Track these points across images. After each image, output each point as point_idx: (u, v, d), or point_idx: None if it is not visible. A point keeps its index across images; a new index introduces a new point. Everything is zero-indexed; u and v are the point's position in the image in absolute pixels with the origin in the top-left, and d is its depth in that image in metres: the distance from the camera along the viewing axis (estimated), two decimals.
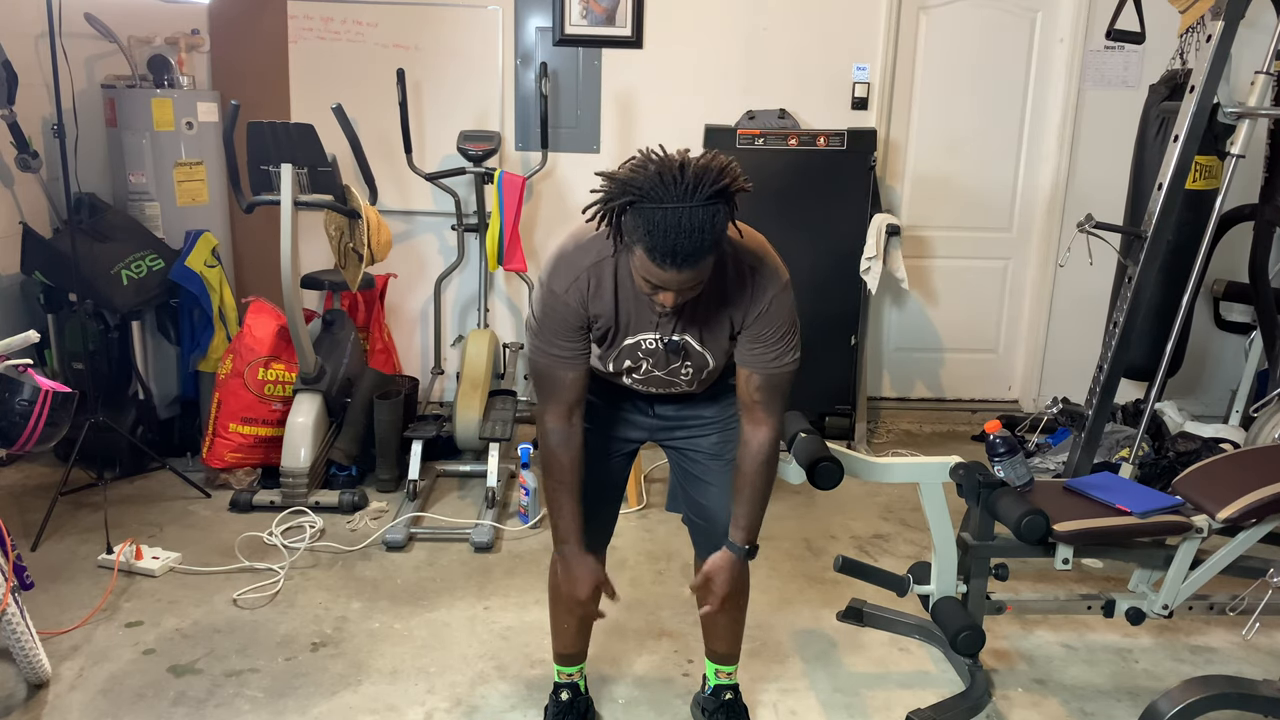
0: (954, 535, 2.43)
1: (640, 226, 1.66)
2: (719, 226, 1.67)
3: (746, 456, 1.99)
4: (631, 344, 1.96)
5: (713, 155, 1.70)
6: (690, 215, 1.63)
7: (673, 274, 1.68)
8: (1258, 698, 2.20)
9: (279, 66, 4.24)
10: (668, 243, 1.64)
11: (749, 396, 1.96)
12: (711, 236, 1.66)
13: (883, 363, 4.74)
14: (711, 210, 1.65)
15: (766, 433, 1.98)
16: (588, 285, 1.88)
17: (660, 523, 3.49)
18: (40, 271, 3.70)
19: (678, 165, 1.66)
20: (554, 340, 1.92)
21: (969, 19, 4.41)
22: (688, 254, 1.65)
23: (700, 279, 1.74)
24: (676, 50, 4.32)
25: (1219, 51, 2.98)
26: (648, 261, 1.69)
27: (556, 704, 2.37)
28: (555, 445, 1.99)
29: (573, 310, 1.89)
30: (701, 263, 1.69)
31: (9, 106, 3.53)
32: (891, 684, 2.61)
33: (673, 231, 1.63)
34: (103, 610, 2.83)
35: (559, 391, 1.96)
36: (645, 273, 1.72)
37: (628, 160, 1.73)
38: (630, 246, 1.72)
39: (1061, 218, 4.50)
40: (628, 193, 1.67)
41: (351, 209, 3.51)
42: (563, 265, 1.89)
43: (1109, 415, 3.49)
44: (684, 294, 1.76)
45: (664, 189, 1.64)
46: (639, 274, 1.75)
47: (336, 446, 3.68)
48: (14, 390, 2.43)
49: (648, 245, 1.66)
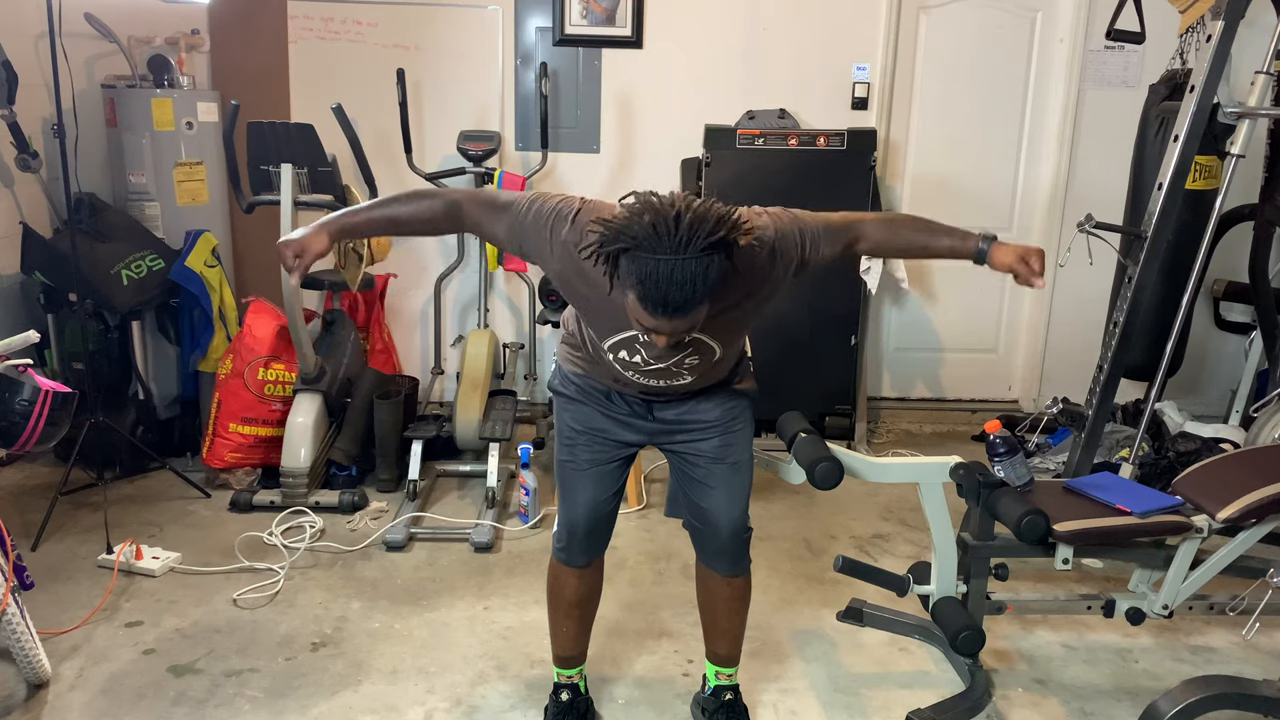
0: (954, 535, 2.43)
1: (633, 274, 1.64)
2: (712, 277, 1.65)
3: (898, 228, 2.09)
4: (630, 335, 1.94)
5: (711, 204, 1.67)
6: (683, 267, 1.61)
7: (664, 322, 1.69)
8: (1258, 698, 2.20)
9: (279, 66, 4.24)
10: (659, 293, 1.63)
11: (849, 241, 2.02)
12: (704, 288, 1.64)
13: (883, 363, 4.74)
14: (705, 262, 1.62)
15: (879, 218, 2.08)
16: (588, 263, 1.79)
17: (660, 523, 3.49)
18: (40, 271, 3.70)
19: (673, 215, 1.62)
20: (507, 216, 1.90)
21: (969, 19, 4.41)
22: (679, 305, 1.65)
23: (693, 326, 1.73)
24: (677, 50, 4.32)
25: (1219, 51, 2.98)
26: (639, 308, 1.69)
27: (556, 704, 2.37)
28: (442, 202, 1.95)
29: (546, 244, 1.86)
30: (693, 313, 1.68)
31: (9, 106, 3.53)
32: (891, 684, 2.61)
33: (664, 283, 1.62)
34: (103, 610, 2.83)
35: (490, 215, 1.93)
36: (637, 316, 1.72)
37: (625, 196, 1.71)
38: (623, 291, 1.71)
39: (1061, 218, 4.50)
40: (621, 240, 1.64)
41: None
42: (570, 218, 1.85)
43: (1109, 415, 3.49)
44: (677, 336, 1.76)
45: (657, 240, 1.61)
46: (632, 315, 1.74)
47: (336, 446, 3.68)
48: (14, 390, 2.43)
49: (640, 294, 1.66)
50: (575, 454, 2.17)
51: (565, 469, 2.20)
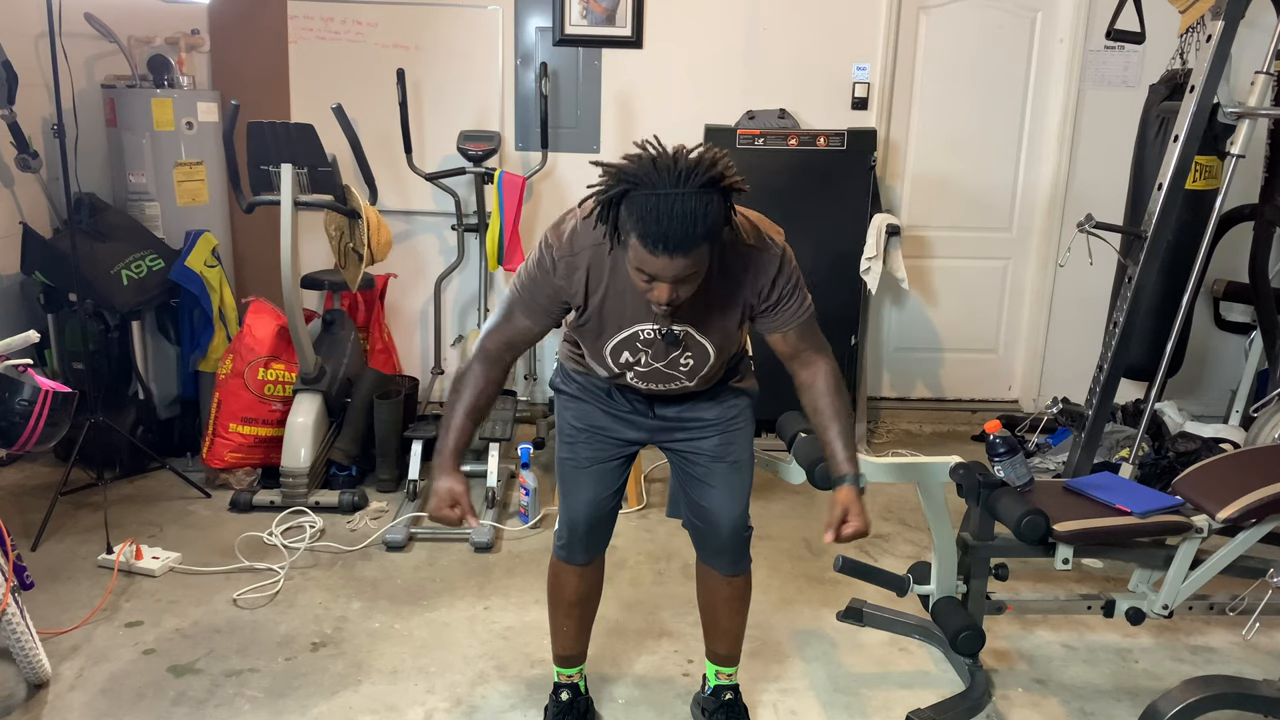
0: (954, 535, 2.43)
1: (634, 214, 1.68)
2: (712, 216, 1.68)
3: (817, 395, 2.04)
4: (630, 335, 1.95)
5: (708, 148, 1.72)
6: (682, 202, 1.65)
7: (664, 260, 1.69)
8: (1258, 698, 2.20)
9: (279, 66, 4.24)
10: (660, 228, 1.66)
11: (793, 350, 2.02)
12: (704, 225, 1.67)
13: (883, 363, 4.74)
14: (704, 199, 1.67)
15: (824, 365, 2.05)
16: (587, 264, 1.89)
17: (660, 523, 3.49)
18: (40, 271, 3.70)
19: (671, 155, 1.70)
20: (531, 289, 1.97)
21: (969, 19, 4.41)
22: (679, 239, 1.66)
23: (694, 270, 1.74)
24: (676, 50, 4.32)
25: (1219, 51, 2.98)
26: (640, 249, 1.70)
27: (556, 704, 2.37)
28: (479, 362, 2.05)
29: (556, 280, 1.92)
30: (693, 251, 1.69)
31: (9, 106, 3.53)
32: (891, 684, 2.61)
33: (665, 217, 1.65)
34: (103, 610, 2.83)
35: (509, 327, 2.03)
36: (639, 262, 1.73)
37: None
38: (625, 241, 1.74)
39: (1061, 218, 4.50)
40: (622, 181, 1.69)
41: (351, 209, 3.51)
42: (564, 237, 1.91)
43: (1109, 415, 3.49)
44: (679, 288, 1.76)
45: (657, 175, 1.67)
46: (633, 267, 1.75)
47: (336, 446, 3.68)
48: (14, 390, 2.43)
49: (640, 231, 1.68)
50: (576, 452, 2.18)
51: (566, 467, 2.20)
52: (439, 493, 2.02)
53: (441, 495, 2.02)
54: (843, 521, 2.02)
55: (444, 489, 2.02)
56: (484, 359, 2.05)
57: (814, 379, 2.04)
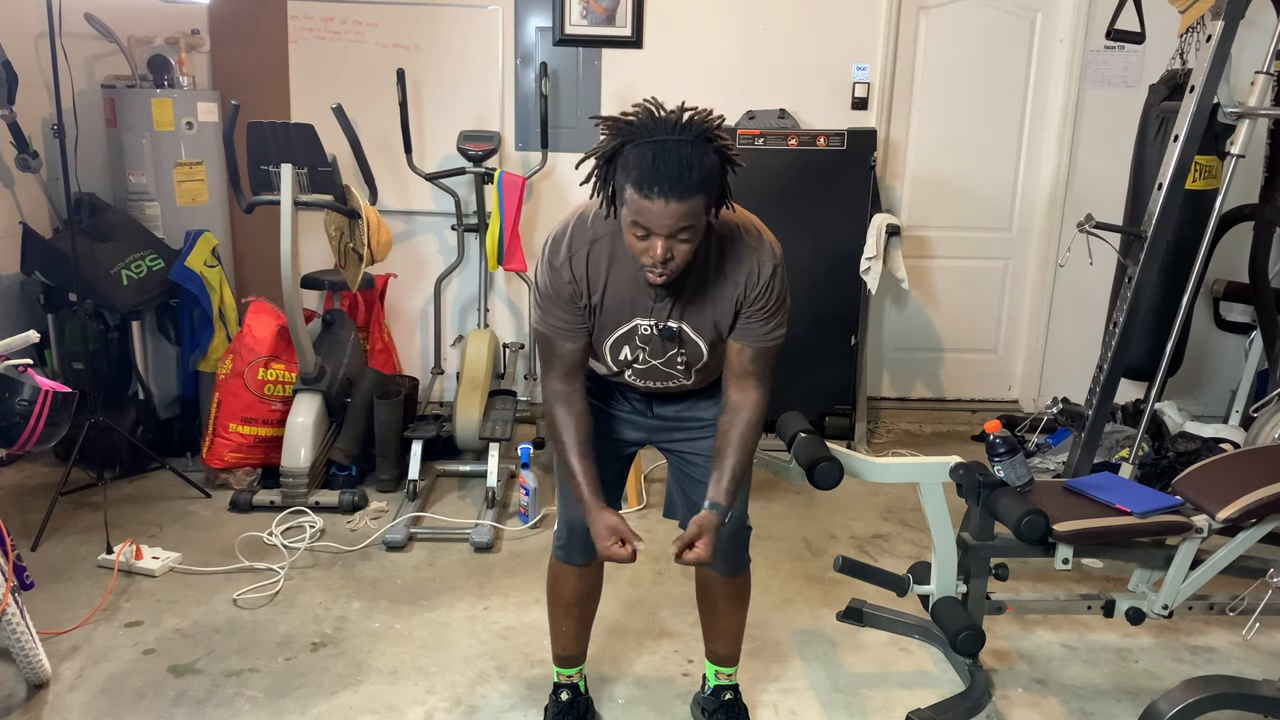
0: (954, 535, 2.43)
1: (630, 164, 1.70)
2: (708, 167, 1.70)
3: (736, 422, 1.98)
4: (628, 330, 1.96)
5: (706, 110, 1.77)
6: (678, 148, 1.68)
7: (660, 206, 1.68)
8: (1258, 698, 2.20)
9: (279, 66, 4.24)
10: (655, 171, 1.67)
11: (741, 368, 1.98)
12: (700, 173, 1.69)
13: (883, 363, 4.74)
14: (701, 150, 1.69)
15: (756, 398, 1.99)
16: (586, 260, 1.90)
17: (660, 523, 3.49)
18: (40, 271, 3.70)
19: (669, 109, 1.74)
20: (554, 311, 1.95)
21: (969, 19, 4.41)
22: (674, 181, 1.67)
23: (689, 224, 1.72)
24: (676, 50, 4.32)
25: (1219, 51, 2.98)
26: (636, 197, 1.70)
27: (556, 704, 2.37)
28: (557, 405, 1.99)
29: (567, 283, 1.92)
30: (689, 199, 1.69)
31: (9, 106, 3.53)
32: (891, 684, 2.61)
33: (660, 161, 1.67)
34: (103, 610, 2.83)
35: (559, 359, 1.99)
36: (635, 213, 1.72)
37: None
38: (622, 199, 1.74)
39: (1061, 218, 4.50)
40: (620, 134, 1.72)
41: (351, 209, 3.51)
42: (562, 240, 1.92)
43: (1109, 415, 3.49)
44: (674, 245, 1.74)
45: (655, 124, 1.71)
46: (630, 223, 1.74)
47: (336, 446, 3.68)
48: (14, 390, 2.43)
49: (636, 178, 1.69)
50: None
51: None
52: (600, 534, 1.95)
53: (603, 534, 1.94)
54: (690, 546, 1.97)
55: (602, 527, 1.94)
56: (559, 399, 1.99)
57: (742, 405, 1.98)
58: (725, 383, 2.02)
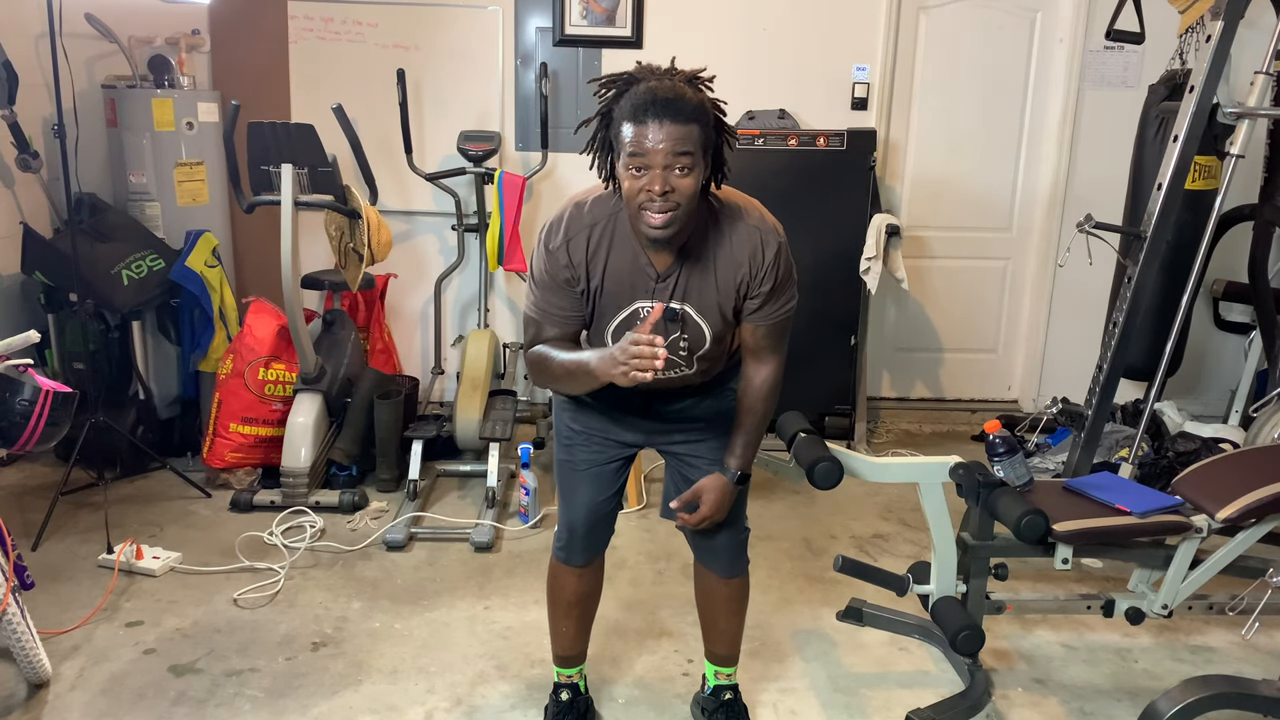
0: (954, 535, 2.43)
1: (625, 105, 1.75)
2: (703, 102, 1.76)
3: (750, 390, 2.03)
4: (630, 314, 1.95)
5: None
6: (673, 81, 1.75)
7: (654, 128, 1.71)
8: (1257, 698, 2.20)
9: (279, 66, 4.24)
10: (650, 97, 1.72)
11: (755, 344, 2.00)
12: (694, 102, 1.74)
13: (882, 363, 4.74)
14: (694, 87, 1.76)
15: (771, 369, 2.03)
16: (585, 244, 1.91)
17: (660, 523, 3.49)
18: (41, 271, 3.70)
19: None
20: (547, 297, 1.95)
21: (969, 19, 4.41)
22: (668, 104, 1.71)
23: (685, 150, 1.72)
24: (676, 50, 4.22)
25: (1219, 51, 2.98)
26: (631, 127, 1.74)
27: (556, 704, 2.37)
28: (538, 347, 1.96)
29: (564, 267, 1.92)
30: (683, 123, 1.72)
31: (9, 106, 3.53)
32: (891, 684, 2.61)
33: (654, 91, 1.72)
34: (103, 610, 2.83)
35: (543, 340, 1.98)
36: (632, 145, 1.74)
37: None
38: (620, 148, 1.77)
39: (1061, 218, 4.51)
40: (616, 84, 1.79)
41: (352, 209, 3.52)
42: (559, 225, 1.94)
43: (1108, 415, 3.49)
44: (671, 176, 1.73)
45: (648, 71, 1.79)
46: (627, 156, 1.75)
47: (337, 446, 3.68)
48: (14, 390, 2.43)
49: (631, 109, 1.73)
50: (574, 454, 2.17)
51: (564, 469, 2.20)
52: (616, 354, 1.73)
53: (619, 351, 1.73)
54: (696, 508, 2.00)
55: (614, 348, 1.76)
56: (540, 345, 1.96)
57: (756, 375, 2.03)
58: (744, 355, 2.04)
